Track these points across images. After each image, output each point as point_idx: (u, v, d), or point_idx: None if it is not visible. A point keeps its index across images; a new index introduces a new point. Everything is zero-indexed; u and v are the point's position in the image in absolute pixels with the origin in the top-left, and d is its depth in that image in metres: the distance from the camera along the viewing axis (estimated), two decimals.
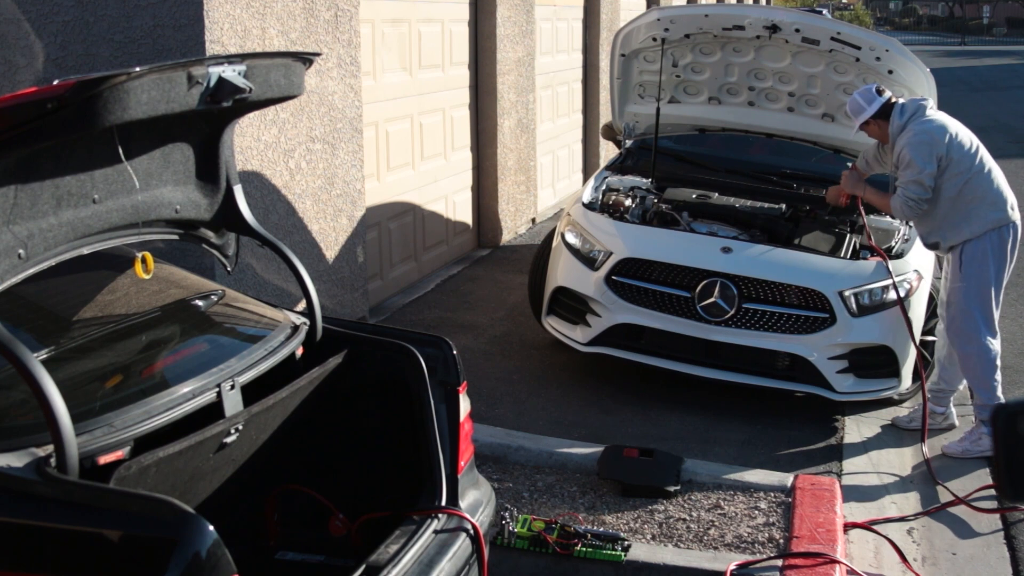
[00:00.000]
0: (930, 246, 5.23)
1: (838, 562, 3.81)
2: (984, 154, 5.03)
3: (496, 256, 8.43)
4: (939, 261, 5.52)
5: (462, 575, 2.91)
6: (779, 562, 3.82)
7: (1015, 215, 4.97)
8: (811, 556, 3.82)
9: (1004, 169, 5.16)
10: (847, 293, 5.20)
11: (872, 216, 5.95)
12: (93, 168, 2.56)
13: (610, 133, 7.25)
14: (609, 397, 5.52)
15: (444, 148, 7.88)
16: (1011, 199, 5.00)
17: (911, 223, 5.40)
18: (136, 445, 2.46)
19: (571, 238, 5.77)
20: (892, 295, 5.25)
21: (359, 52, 5.95)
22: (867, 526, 4.30)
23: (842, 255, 5.50)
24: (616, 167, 6.72)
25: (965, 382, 5.24)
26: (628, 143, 6.92)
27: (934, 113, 5.10)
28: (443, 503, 2.99)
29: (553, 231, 6.17)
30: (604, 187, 6.30)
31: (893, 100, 5.12)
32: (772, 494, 4.37)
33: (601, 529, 3.99)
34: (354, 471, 3.32)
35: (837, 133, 6.54)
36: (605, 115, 10.13)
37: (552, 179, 10.39)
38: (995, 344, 4.98)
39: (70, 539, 2.13)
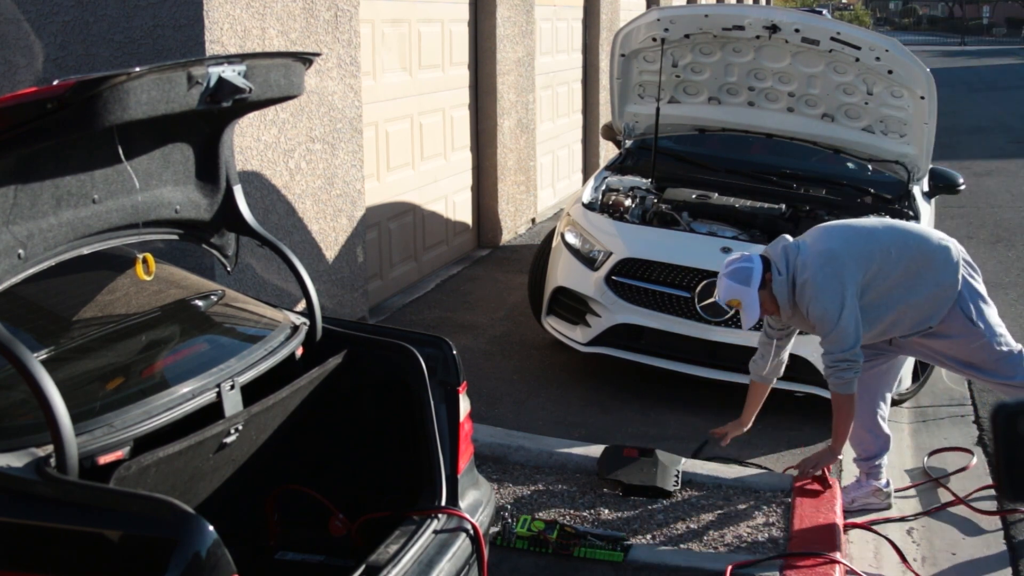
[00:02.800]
0: (925, 333, 4.22)
1: (838, 562, 3.81)
2: (895, 225, 4.32)
3: (496, 256, 8.43)
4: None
5: (462, 575, 2.91)
6: (779, 562, 3.82)
7: (953, 242, 4.26)
8: (811, 556, 3.82)
9: (1004, 169, 5.07)
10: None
11: (872, 216, 5.94)
12: (93, 168, 2.56)
13: (610, 133, 7.25)
14: (609, 397, 5.52)
15: (444, 148, 7.88)
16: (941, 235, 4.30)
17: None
18: (136, 445, 2.46)
19: (571, 238, 5.77)
20: None
21: (359, 52, 5.95)
22: (867, 526, 4.29)
23: None
24: (616, 167, 6.71)
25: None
26: (628, 143, 6.92)
27: (810, 243, 4.18)
28: (443, 503, 2.99)
29: (553, 231, 6.17)
30: (604, 187, 6.30)
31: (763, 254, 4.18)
32: (772, 494, 4.37)
33: (601, 529, 3.99)
34: (354, 471, 3.32)
35: (837, 133, 6.54)
36: (605, 115, 10.13)
37: (552, 179, 10.39)
38: None
39: (70, 539, 2.13)
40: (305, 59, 2.91)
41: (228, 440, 2.65)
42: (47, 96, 2.17)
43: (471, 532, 2.99)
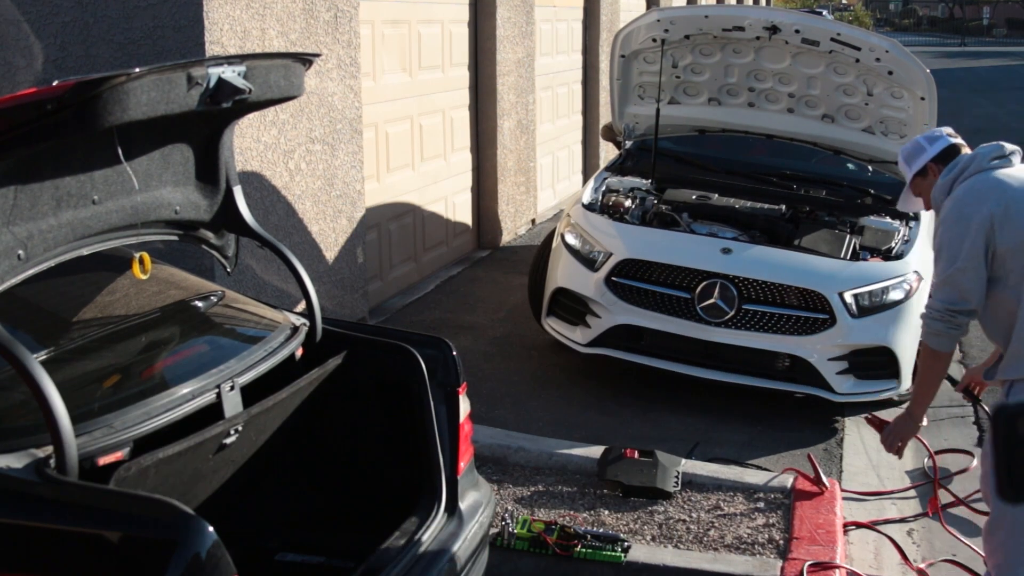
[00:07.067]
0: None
1: (838, 566, 3.80)
2: None
3: (496, 257, 8.43)
4: None
5: None
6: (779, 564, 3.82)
7: None
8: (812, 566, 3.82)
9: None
10: (847, 294, 5.20)
11: (872, 217, 5.94)
12: (93, 169, 2.56)
13: (610, 134, 7.25)
14: (609, 398, 5.52)
15: (444, 149, 7.88)
16: None
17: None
18: (136, 446, 2.46)
19: (571, 239, 5.77)
20: (892, 296, 5.25)
21: (359, 53, 5.95)
22: (868, 526, 4.29)
23: (842, 256, 5.49)
24: (616, 168, 6.72)
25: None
26: (628, 144, 6.92)
27: (1007, 167, 3.38)
28: (443, 504, 2.99)
29: (553, 232, 6.17)
30: (604, 188, 6.30)
31: (962, 148, 3.54)
32: (772, 495, 4.36)
33: (601, 530, 3.98)
34: (354, 472, 3.32)
35: (837, 134, 6.54)
36: (605, 116, 10.13)
37: (552, 180, 10.39)
38: None
39: (70, 540, 2.13)
40: (305, 60, 2.91)
41: (228, 441, 2.65)
42: (47, 97, 2.17)
43: (471, 533, 2.98)
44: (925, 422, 3.69)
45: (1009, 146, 3.44)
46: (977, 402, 4.04)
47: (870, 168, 6.51)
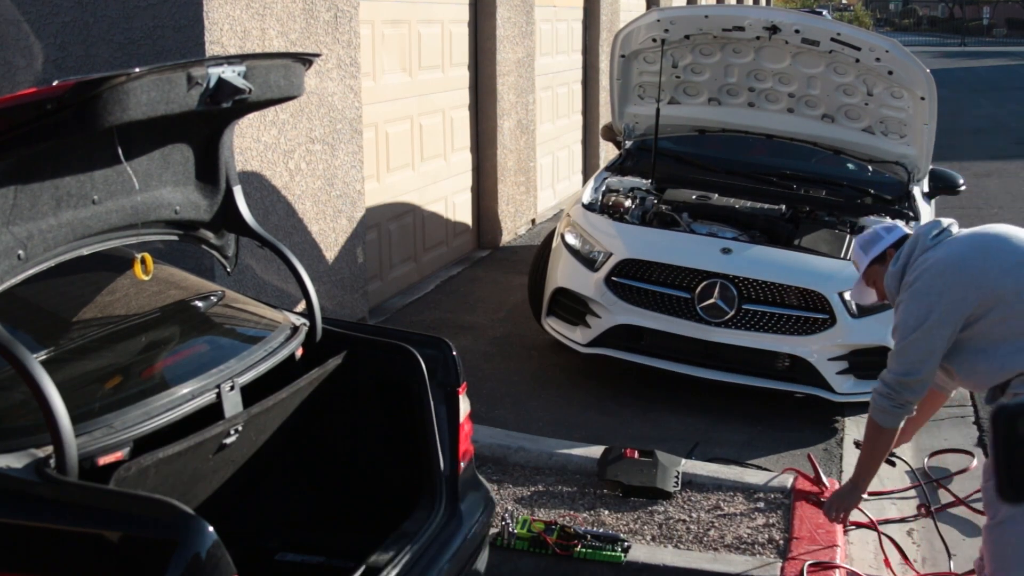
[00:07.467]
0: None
1: (839, 566, 3.80)
2: None
3: (496, 257, 8.43)
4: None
5: None
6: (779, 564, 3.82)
7: None
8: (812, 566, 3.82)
9: (1004, 170, 4.76)
10: (847, 294, 5.20)
11: (872, 217, 5.94)
12: (93, 169, 2.56)
13: (610, 134, 7.25)
14: (609, 398, 5.52)
15: (444, 149, 7.88)
16: None
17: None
18: (136, 446, 2.46)
19: (571, 239, 5.77)
20: None
21: (359, 53, 5.95)
22: (868, 526, 4.29)
23: (842, 256, 5.49)
24: (616, 168, 6.72)
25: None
26: (628, 144, 6.92)
27: (949, 237, 3.60)
28: (443, 504, 2.99)
29: (553, 232, 6.17)
30: (604, 188, 6.30)
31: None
32: (772, 495, 4.36)
33: (601, 530, 3.99)
34: (354, 472, 3.32)
35: (837, 134, 6.54)
36: (605, 116, 10.13)
37: (552, 180, 10.39)
38: None
39: (70, 540, 2.13)
40: (305, 60, 2.91)
41: (228, 441, 2.65)
42: (46, 97, 2.17)
43: (471, 533, 2.98)
44: (866, 496, 4.07)
45: (945, 220, 3.69)
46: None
47: (870, 168, 6.51)
